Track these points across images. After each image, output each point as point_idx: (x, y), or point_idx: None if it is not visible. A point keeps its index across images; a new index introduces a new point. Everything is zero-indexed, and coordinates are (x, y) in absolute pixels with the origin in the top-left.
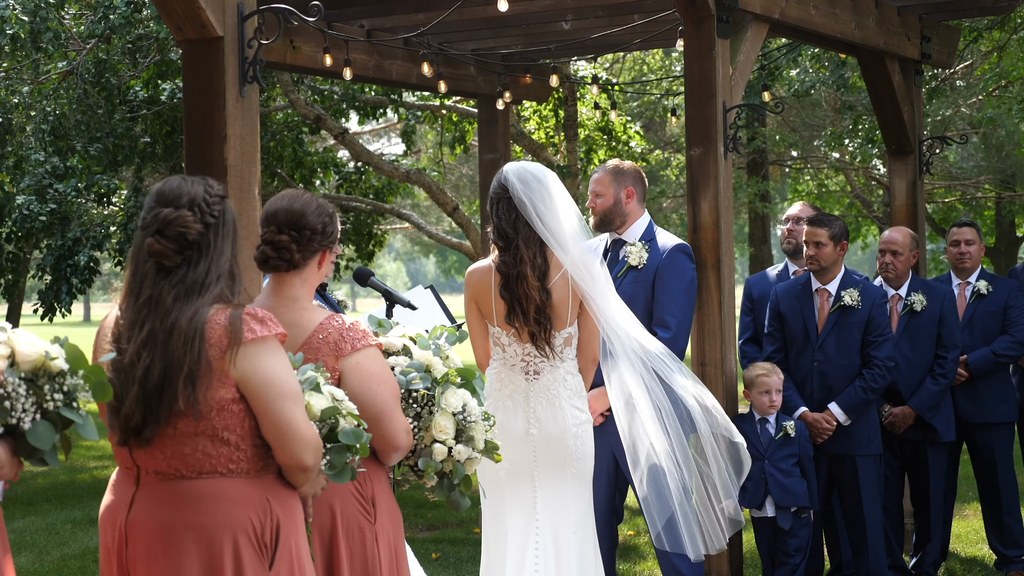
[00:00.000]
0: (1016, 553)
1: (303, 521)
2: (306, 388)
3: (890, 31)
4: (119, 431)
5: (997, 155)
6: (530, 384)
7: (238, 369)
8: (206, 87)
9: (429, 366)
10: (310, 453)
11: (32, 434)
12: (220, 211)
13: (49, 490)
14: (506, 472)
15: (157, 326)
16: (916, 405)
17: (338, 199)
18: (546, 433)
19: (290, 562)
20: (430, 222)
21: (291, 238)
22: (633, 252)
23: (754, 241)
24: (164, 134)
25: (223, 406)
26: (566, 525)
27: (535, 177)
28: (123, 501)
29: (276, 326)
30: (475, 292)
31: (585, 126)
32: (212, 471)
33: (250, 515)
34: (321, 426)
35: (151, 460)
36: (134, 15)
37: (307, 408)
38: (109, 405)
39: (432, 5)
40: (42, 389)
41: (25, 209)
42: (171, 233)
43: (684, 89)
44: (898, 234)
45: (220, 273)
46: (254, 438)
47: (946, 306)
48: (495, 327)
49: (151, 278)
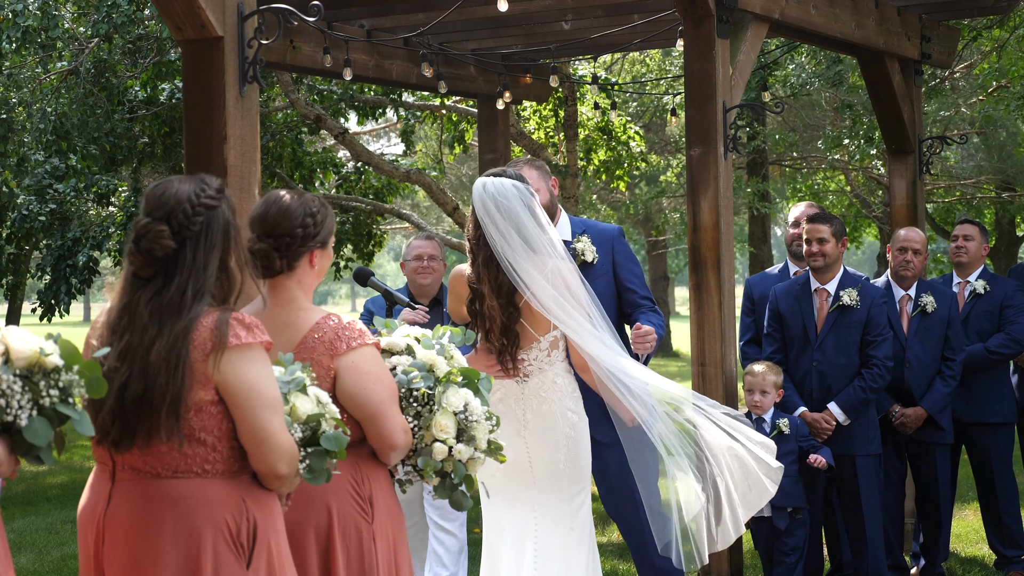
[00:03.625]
0: (1016, 553)
1: (282, 520)
2: (292, 389)
3: (890, 31)
4: (96, 432)
5: (997, 155)
6: (520, 387)
7: (220, 373)
8: (206, 87)
9: (432, 365)
10: (284, 462)
11: (29, 431)
12: (203, 221)
13: (49, 490)
14: (503, 473)
15: (136, 341)
16: (928, 406)
17: (338, 199)
18: (538, 436)
19: (268, 561)
20: (430, 222)
21: (269, 245)
22: (585, 248)
23: (754, 241)
24: (163, 135)
25: (201, 407)
26: (563, 525)
27: (502, 196)
28: (100, 499)
29: (262, 333)
30: (459, 295)
31: (585, 126)
32: (187, 471)
33: (226, 516)
34: (304, 428)
35: (128, 457)
36: (137, 13)
37: (292, 410)
38: (88, 400)
39: (432, 5)
40: (37, 386)
41: (25, 209)
42: (143, 246)
43: (684, 89)
44: (916, 233)
45: (200, 289)
46: (231, 440)
47: (952, 309)
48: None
49: (128, 283)
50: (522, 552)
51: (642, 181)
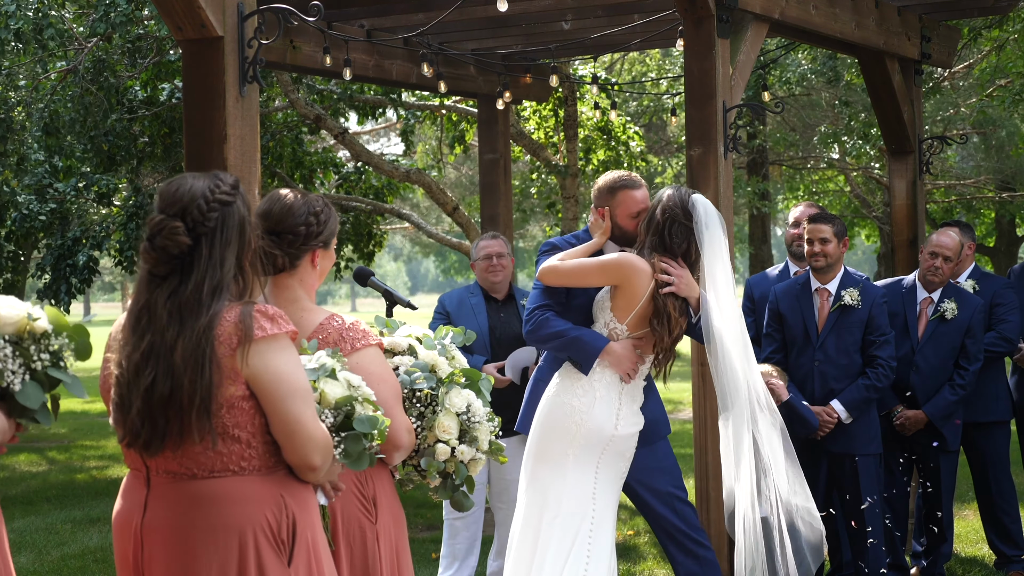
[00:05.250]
0: (1015, 553)
1: (318, 514)
2: (321, 375)
3: (890, 31)
4: (126, 436)
5: (997, 155)
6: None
7: (249, 367)
8: (206, 87)
9: (434, 366)
10: (318, 454)
11: (22, 395)
12: (218, 218)
13: (49, 490)
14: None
15: (158, 340)
16: (931, 412)
17: (338, 199)
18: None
19: (308, 557)
20: (430, 222)
21: (273, 243)
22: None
23: (754, 241)
24: (163, 135)
25: (233, 403)
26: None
27: (717, 217)
28: (136, 506)
29: (287, 323)
30: (626, 281)
31: (585, 126)
32: (224, 469)
33: (266, 513)
34: (336, 414)
35: (161, 460)
36: (135, 13)
37: (321, 396)
38: (113, 403)
39: (432, 5)
40: (28, 351)
41: (25, 209)
42: (158, 244)
43: (684, 89)
44: (949, 239)
45: (218, 286)
46: (264, 435)
47: (975, 317)
48: (621, 324)
49: (144, 283)
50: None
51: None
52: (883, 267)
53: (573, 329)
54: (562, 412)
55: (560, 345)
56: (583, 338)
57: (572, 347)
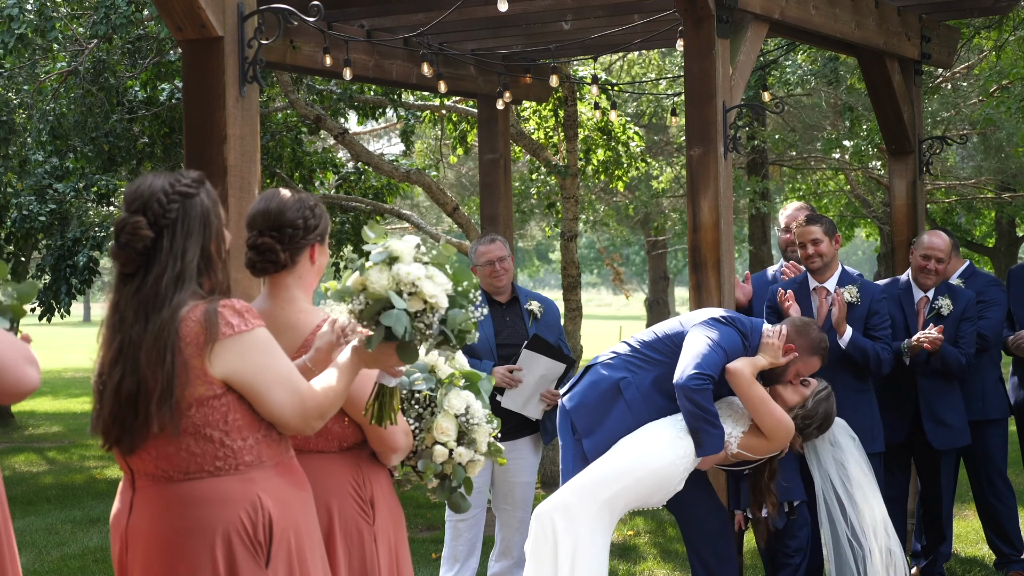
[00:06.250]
0: (1013, 552)
1: (308, 515)
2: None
3: (890, 31)
4: (101, 437)
5: (997, 156)
6: None
7: (218, 366)
8: (206, 87)
9: (434, 368)
10: (317, 418)
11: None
12: (178, 209)
13: (49, 490)
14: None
15: (126, 340)
16: (945, 349)
17: (338, 199)
18: None
19: (288, 558)
20: (430, 222)
21: (273, 239)
22: None
23: (754, 241)
24: (163, 135)
25: (203, 402)
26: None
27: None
28: (125, 507)
29: (255, 318)
30: (777, 443)
31: (584, 126)
32: (199, 471)
33: (240, 515)
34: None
35: (141, 463)
36: (136, 14)
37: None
38: (93, 408)
39: (432, 5)
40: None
41: (25, 209)
42: (123, 241)
43: (684, 89)
44: (940, 240)
45: (179, 276)
46: (240, 432)
47: (968, 309)
48: (735, 447)
49: (116, 283)
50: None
51: (642, 184)
52: (883, 267)
53: (718, 419)
54: (672, 471)
55: (699, 421)
56: (716, 435)
57: (705, 433)
